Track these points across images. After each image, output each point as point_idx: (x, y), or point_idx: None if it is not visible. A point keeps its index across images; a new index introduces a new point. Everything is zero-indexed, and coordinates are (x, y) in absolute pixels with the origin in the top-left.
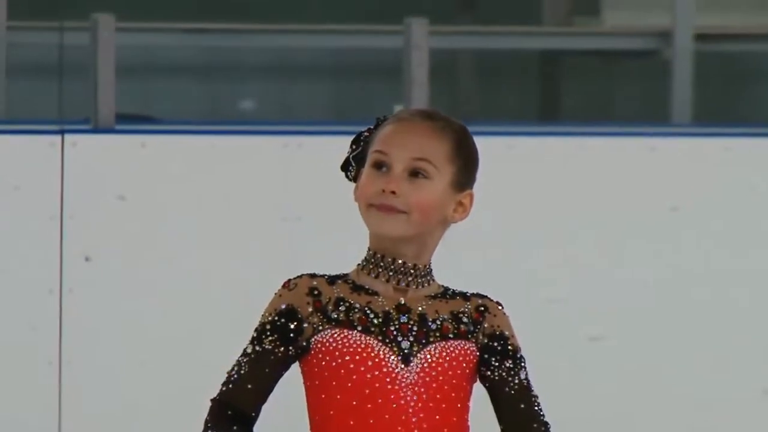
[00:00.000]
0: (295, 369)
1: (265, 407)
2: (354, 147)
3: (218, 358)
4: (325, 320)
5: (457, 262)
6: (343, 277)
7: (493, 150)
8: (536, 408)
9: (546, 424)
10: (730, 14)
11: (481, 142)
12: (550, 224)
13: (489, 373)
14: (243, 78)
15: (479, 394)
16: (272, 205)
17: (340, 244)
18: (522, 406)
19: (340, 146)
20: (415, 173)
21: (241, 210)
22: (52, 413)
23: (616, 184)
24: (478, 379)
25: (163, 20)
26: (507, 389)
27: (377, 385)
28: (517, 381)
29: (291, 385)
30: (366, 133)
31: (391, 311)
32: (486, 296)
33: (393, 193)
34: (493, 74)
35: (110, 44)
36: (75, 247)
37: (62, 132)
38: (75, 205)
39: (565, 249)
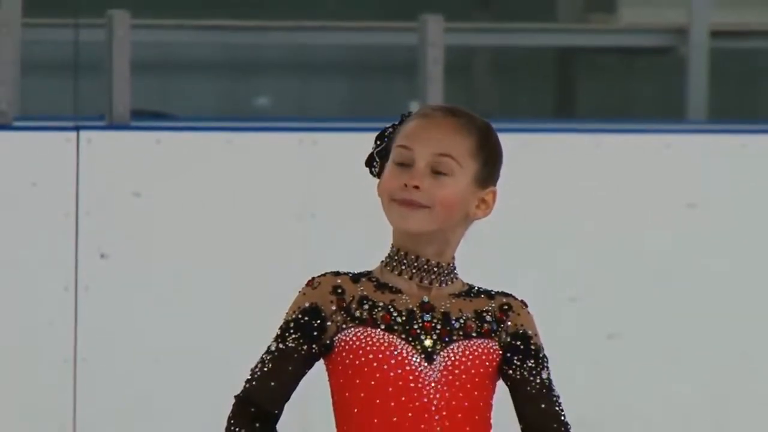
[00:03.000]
0: (318, 368)
1: (287, 405)
2: (378, 143)
3: (233, 354)
4: (348, 319)
5: (475, 259)
6: (367, 275)
7: (508, 147)
8: (557, 408)
9: (566, 425)
10: (745, 11)
11: None
12: (566, 221)
13: (511, 371)
14: (258, 75)
15: (501, 393)
16: (287, 202)
17: (354, 240)
18: (543, 405)
19: (355, 143)
20: (437, 170)
21: (256, 206)
22: (67, 410)
23: (632, 181)
24: (501, 378)
25: (179, 17)
26: (528, 388)
27: (400, 383)
28: (538, 380)
29: (312, 383)
30: (390, 129)
31: (415, 309)
32: (511, 295)
33: (416, 187)
34: (508, 71)
35: (125, 41)
36: (90, 244)
37: (77, 129)
38: (90, 201)
39: (581, 246)
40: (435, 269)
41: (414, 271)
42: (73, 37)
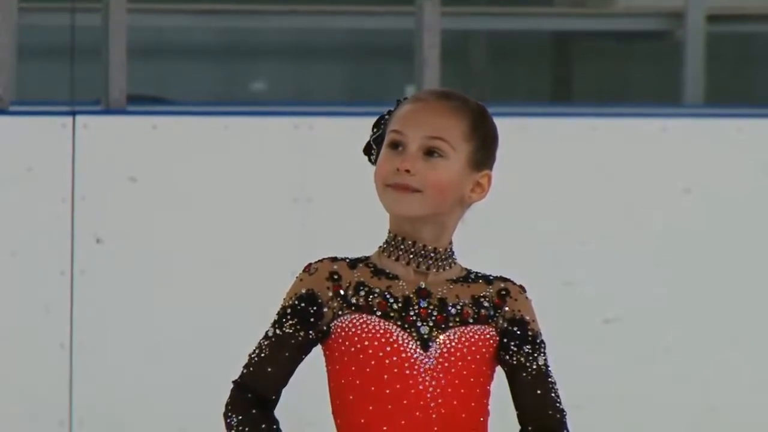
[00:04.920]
0: (314, 353)
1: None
2: (375, 130)
3: (229, 340)
4: (344, 305)
5: (471, 245)
6: (365, 260)
7: (505, 131)
8: (552, 395)
9: (562, 411)
10: None
11: None
12: (562, 206)
13: (507, 357)
14: (255, 59)
15: (500, 379)
16: (283, 186)
17: (351, 225)
18: (538, 391)
19: (351, 127)
20: (430, 152)
21: (253, 191)
22: (64, 394)
23: (629, 165)
24: (498, 364)
25: (175, 1)
26: (524, 374)
27: (396, 370)
28: (535, 366)
29: (308, 368)
30: (386, 116)
31: (411, 296)
32: (509, 280)
33: (408, 171)
34: (505, 55)
35: (122, 26)
36: (86, 229)
37: (74, 114)
38: (86, 186)
39: (577, 230)
40: (432, 254)
41: (411, 256)
42: (69, 22)
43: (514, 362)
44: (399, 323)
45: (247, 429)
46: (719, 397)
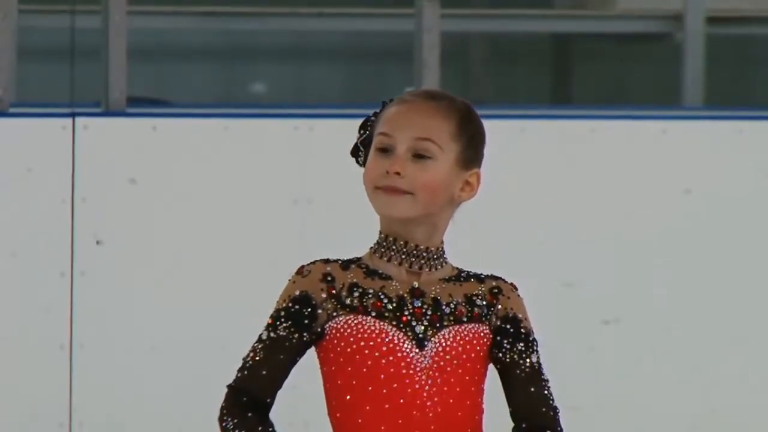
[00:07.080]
0: (310, 354)
1: (279, 393)
2: (362, 132)
3: (229, 341)
4: (339, 306)
5: (470, 245)
6: (357, 262)
7: (505, 133)
8: (546, 392)
9: (555, 408)
10: None
11: (493, 125)
12: (562, 207)
13: (501, 355)
14: (255, 61)
15: (493, 376)
16: (283, 188)
17: (351, 226)
18: (532, 389)
19: (351, 129)
20: (419, 154)
21: (253, 192)
22: (64, 396)
23: (629, 167)
24: (491, 362)
25: (175, 3)
26: (518, 372)
27: (392, 370)
28: (528, 364)
29: (304, 369)
30: (373, 118)
31: (405, 295)
32: (500, 278)
33: (397, 174)
34: (505, 57)
35: (122, 27)
36: (86, 230)
37: (73, 115)
38: (86, 188)
39: (577, 232)
40: (424, 254)
41: (403, 256)
42: (69, 24)
43: (507, 360)
44: (394, 323)
45: None
46: (719, 398)
